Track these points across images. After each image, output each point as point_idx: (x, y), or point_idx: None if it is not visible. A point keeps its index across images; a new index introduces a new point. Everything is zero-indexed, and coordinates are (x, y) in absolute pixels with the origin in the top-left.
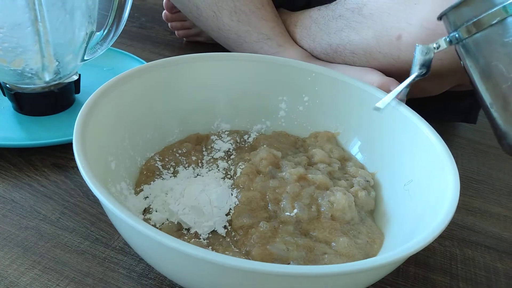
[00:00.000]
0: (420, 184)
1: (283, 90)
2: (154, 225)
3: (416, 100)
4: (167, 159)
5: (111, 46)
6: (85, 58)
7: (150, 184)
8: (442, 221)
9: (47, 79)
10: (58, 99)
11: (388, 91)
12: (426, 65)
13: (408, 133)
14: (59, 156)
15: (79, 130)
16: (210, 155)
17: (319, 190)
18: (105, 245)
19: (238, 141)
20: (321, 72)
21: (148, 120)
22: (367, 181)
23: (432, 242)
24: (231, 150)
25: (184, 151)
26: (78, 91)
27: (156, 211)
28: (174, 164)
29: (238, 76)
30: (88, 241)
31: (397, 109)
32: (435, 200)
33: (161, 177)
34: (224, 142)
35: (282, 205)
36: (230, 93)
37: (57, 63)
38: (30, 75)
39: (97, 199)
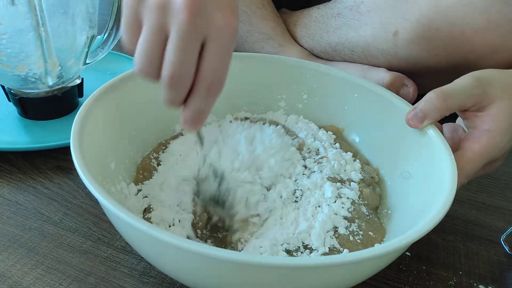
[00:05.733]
0: (419, 178)
1: (282, 88)
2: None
3: (417, 97)
4: (161, 152)
5: (113, 50)
6: (87, 61)
7: (147, 183)
8: (433, 217)
9: (50, 83)
10: (61, 103)
11: (401, 85)
12: None
13: (406, 128)
14: (63, 158)
15: (77, 132)
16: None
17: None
18: (107, 245)
19: None
20: (318, 69)
21: (148, 121)
22: (372, 177)
23: (435, 237)
24: None
25: None
26: (81, 95)
27: (155, 210)
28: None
29: (236, 75)
30: (90, 241)
31: (395, 104)
32: (433, 194)
33: (157, 172)
34: None
35: None
36: (229, 92)
37: (59, 67)
38: (33, 79)
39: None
